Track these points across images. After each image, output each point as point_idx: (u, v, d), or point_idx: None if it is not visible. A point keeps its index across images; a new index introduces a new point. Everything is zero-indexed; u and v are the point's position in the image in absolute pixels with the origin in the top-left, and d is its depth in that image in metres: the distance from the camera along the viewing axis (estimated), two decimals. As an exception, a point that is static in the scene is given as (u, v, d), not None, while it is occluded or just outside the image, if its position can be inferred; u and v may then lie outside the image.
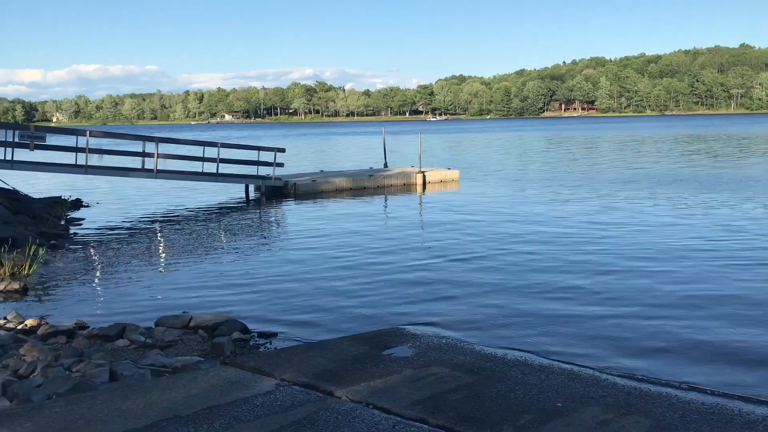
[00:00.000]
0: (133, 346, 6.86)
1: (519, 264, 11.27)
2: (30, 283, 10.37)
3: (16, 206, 16.37)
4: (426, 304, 9.06)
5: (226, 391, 5.01)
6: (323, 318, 8.53)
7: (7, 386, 5.21)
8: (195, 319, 7.88)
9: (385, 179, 24.68)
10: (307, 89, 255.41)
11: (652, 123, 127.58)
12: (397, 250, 12.78)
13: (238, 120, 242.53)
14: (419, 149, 27.22)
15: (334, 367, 5.66)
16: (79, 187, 23.95)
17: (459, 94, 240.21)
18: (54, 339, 7.03)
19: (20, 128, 19.86)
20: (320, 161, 39.62)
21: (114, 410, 4.66)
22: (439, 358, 5.99)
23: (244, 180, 23.02)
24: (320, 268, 11.42)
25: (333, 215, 18.08)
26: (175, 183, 23.16)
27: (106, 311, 8.97)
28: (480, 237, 13.96)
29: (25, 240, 12.35)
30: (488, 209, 18.21)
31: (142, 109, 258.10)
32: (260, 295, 9.79)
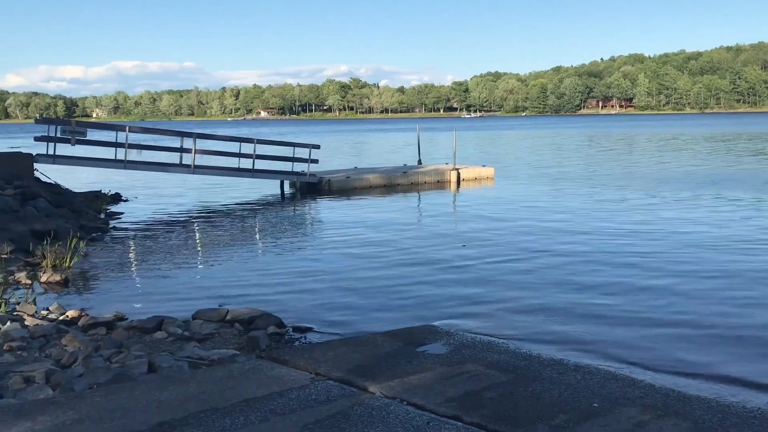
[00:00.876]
0: (171, 339, 6.98)
1: (555, 262, 11.17)
2: (71, 275, 10.60)
3: (58, 200, 16.74)
4: (460, 301, 9.03)
5: (261, 385, 5.06)
6: (356, 313, 8.57)
7: (50, 375, 5.34)
8: (231, 312, 7.98)
9: (419, 176, 24.66)
10: (342, 86, 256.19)
11: (692, 121, 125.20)
12: (430, 247, 12.76)
13: (273, 116, 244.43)
14: (454, 146, 27.11)
15: (368, 362, 5.68)
16: (117, 182, 24.39)
17: (494, 90, 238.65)
18: (94, 330, 7.18)
19: (62, 123, 20.30)
20: (354, 158, 39.74)
21: (152, 401, 4.74)
22: (474, 356, 5.97)
23: (279, 176, 23.21)
24: (353, 264, 11.46)
25: (366, 212, 18.12)
26: (212, 178, 23.45)
27: (144, 304, 9.13)
28: (515, 235, 13.87)
29: (67, 233, 12.62)
30: (524, 207, 18.07)
31: (180, 106, 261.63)
32: (295, 289, 9.86)
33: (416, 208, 19.43)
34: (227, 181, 24.07)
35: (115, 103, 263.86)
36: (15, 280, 10.04)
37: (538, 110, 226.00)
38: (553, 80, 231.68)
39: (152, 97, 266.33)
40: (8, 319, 7.29)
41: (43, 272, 10.48)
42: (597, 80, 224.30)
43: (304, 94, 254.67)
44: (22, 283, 9.98)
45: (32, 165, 19.44)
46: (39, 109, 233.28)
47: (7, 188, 15.51)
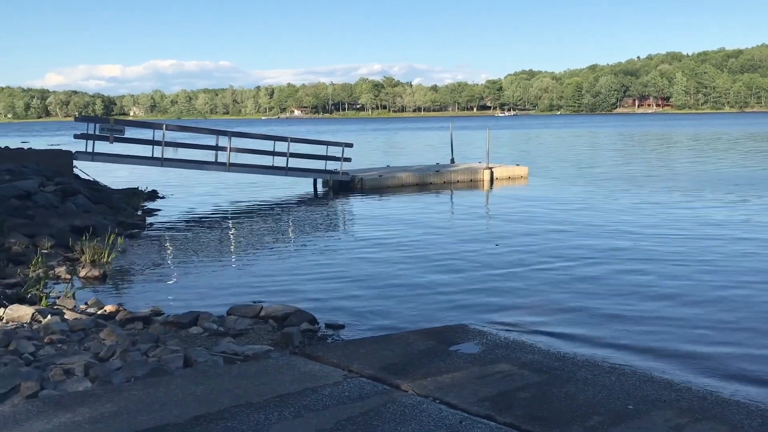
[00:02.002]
0: (206, 334, 7.07)
1: (588, 263, 11.05)
2: (109, 270, 10.80)
3: (96, 196, 17.06)
4: (492, 300, 8.99)
5: (295, 381, 5.11)
6: (389, 312, 8.58)
7: (89, 368, 5.45)
8: (265, 308, 8.05)
9: (451, 175, 24.57)
10: (375, 85, 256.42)
11: (732, 120, 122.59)
12: (462, 246, 12.71)
13: (306, 115, 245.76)
14: (487, 145, 26.96)
15: (400, 360, 5.69)
16: (153, 179, 24.74)
17: (528, 89, 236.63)
18: (131, 325, 7.31)
19: (100, 122, 20.68)
20: (387, 156, 39.75)
21: (188, 395, 4.81)
22: (507, 356, 5.94)
23: (312, 174, 23.34)
24: (385, 263, 11.47)
25: (399, 210, 18.12)
26: (246, 176, 23.66)
27: (179, 299, 9.26)
28: (549, 235, 13.74)
29: (105, 229, 12.86)
30: (558, 207, 17.89)
31: (215, 104, 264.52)
32: (327, 287, 9.91)
33: (449, 207, 19.37)
34: (261, 179, 24.27)
35: (152, 101, 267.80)
36: (55, 275, 10.26)
37: (573, 109, 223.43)
38: (589, 79, 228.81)
39: (188, 96, 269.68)
40: (49, 312, 7.46)
41: (82, 267, 10.69)
42: (633, 79, 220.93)
43: (337, 93, 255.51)
44: (62, 278, 10.20)
45: (72, 162, 19.86)
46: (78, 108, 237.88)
47: (48, 185, 15.86)
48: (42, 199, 14.36)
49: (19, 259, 10.75)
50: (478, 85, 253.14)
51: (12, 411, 4.52)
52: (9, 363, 5.51)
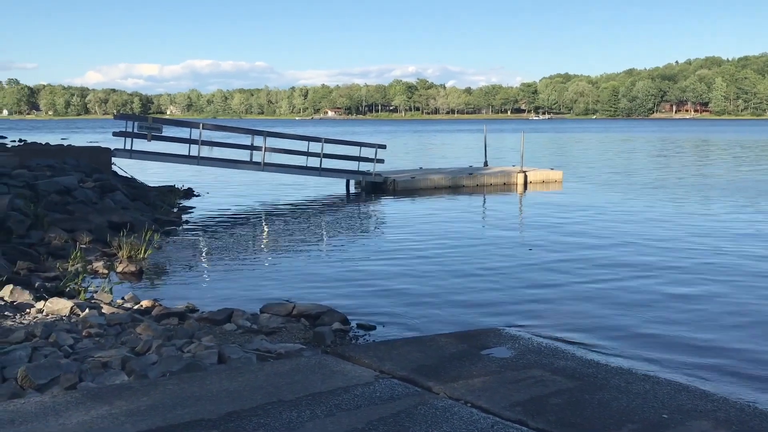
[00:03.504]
0: (240, 331, 7.15)
1: (623, 271, 10.91)
2: (145, 266, 10.98)
3: (134, 193, 17.37)
4: (525, 305, 8.94)
5: (327, 379, 5.14)
6: (420, 314, 8.58)
7: (126, 362, 5.55)
8: (298, 307, 8.11)
9: (484, 178, 24.47)
10: (408, 87, 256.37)
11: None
12: (495, 250, 12.65)
13: (340, 116, 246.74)
14: (521, 148, 26.78)
15: (432, 362, 5.69)
16: (187, 177, 25.07)
17: (564, 92, 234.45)
18: (167, 320, 7.43)
19: (139, 120, 21.04)
20: (419, 158, 39.72)
21: (222, 391, 4.88)
22: (539, 361, 5.90)
23: (345, 175, 23.43)
24: (417, 264, 11.47)
25: (431, 212, 18.10)
26: (279, 176, 23.85)
27: (213, 296, 9.38)
28: (583, 240, 13.60)
29: (142, 226, 13.07)
30: (592, 212, 17.70)
31: (250, 104, 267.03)
32: (358, 287, 9.95)
33: (481, 210, 19.28)
34: (294, 179, 24.45)
35: (188, 100, 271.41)
36: (93, 269, 10.48)
37: (609, 113, 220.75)
38: (625, 83, 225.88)
39: (224, 96, 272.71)
40: (87, 306, 7.61)
41: (119, 263, 10.90)
42: (671, 83, 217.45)
43: (370, 95, 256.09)
44: (100, 273, 10.41)
45: (110, 159, 20.23)
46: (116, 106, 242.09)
47: (87, 181, 16.18)
48: (81, 195, 14.65)
49: (58, 253, 10.99)
50: (512, 87, 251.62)
51: (52, 402, 4.62)
52: (49, 355, 5.64)
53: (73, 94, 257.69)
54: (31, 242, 11.23)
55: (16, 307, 7.46)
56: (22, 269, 9.71)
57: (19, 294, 7.80)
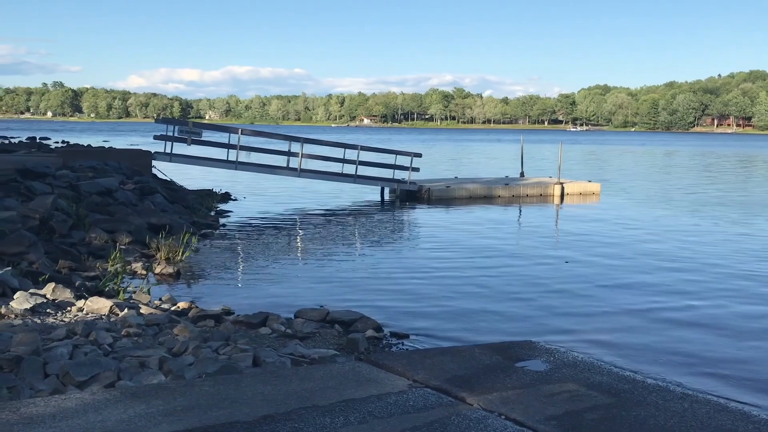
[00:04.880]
0: (275, 335, 7.21)
1: (659, 286, 10.73)
2: (182, 268, 11.14)
3: (173, 196, 17.64)
4: (560, 318, 8.85)
5: (361, 386, 5.15)
6: (453, 324, 8.55)
7: (163, 362, 5.64)
8: (332, 313, 8.15)
9: (521, 188, 24.31)
10: (445, 95, 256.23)
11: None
12: (530, 262, 12.56)
13: (375, 124, 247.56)
14: (559, 159, 26.54)
15: (465, 373, 5.66)
16: (225, 181, 25.37)
17: (602, 104, 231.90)
18: (203, 322, 7.52)
19: (180, 124, 21.40)
20: (455, 167, 39.64)
21: (257, 394, 4.92)
22: (575, 375, 5.83)
23: (380, 183, 23.49)
24: (450, 274, 11.44)
25: (466, 222, 18.04)
26: (315, 182, 24.01)
27: (248, 299, 9.48)
28: (619, 254, 13.42)
29: (180, 228, 13.27)
30: (630, 226, 17.45)
31: (287, 111, 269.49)
32: (392, 295, 9.96)
33: (517, 221, 19.16)
34: (330, 185, 24.59)
35: (227, 106, 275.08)
36: (132, 270, 10.67)
37: (648, 126, 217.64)
38: (666, 96, 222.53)
39: (262, 102, 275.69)
40: (126, 306, 7.76)
41: (157, 264, 11.08)
42: (713, 97, 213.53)
43: (406, 103, 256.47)
44: (138, 273, 10.60)
45: (151, 162, 20.59)
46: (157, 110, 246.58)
47: (128, 183, 16.50)
48: (122, 197, 14.94)
49: (99, 253, 11.22)
50: (550, 98, 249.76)
51: (92, 399, 4.71)
52: (89, 353, 5.76)
53: (115, 98, 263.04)
54: (72, 242, 11.48)
55: (57, 305, 7.63)
56: (64, 268, 9.93)
57: (60, 292, 7.98)
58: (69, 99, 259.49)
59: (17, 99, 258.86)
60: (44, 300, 7.58)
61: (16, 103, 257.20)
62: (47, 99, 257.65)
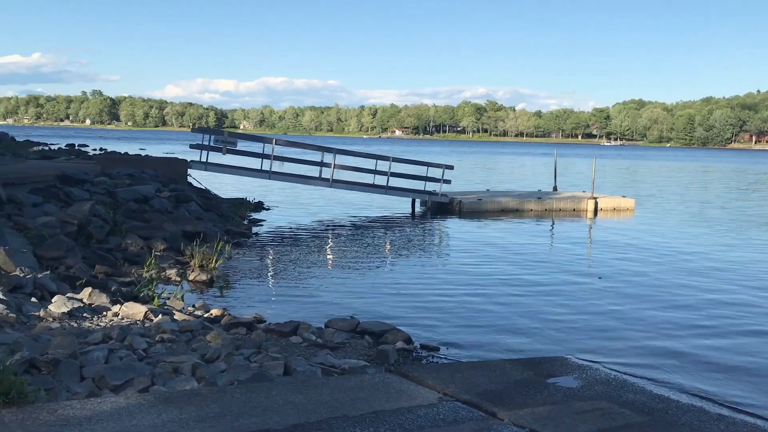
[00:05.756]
0: (305, 344, 7.25)
1: (695, 304, 10.56)
2: (215, 275, 11.27)
3: (207, 204, 17.87)
4: (592, 335, 8.75)
5: (391, 398, 5.15)
6: (484, 337, 8.51)
7: (196, 368, 5.71)
8: (362, 324, 8.17)
9: (553, 202, 24.11)
10: (477, 108, 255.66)
11: None
12: (561, 276, 12.44)
13: (407, 135, 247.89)
14: (593, 173, 26.28)
15: (496, 388, 5.63)
16: (257, 190, 25.61)
17: (637, 119, 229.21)
18: (235, 329, 7.60)
19: (216, 133, 21.70)
20: (486, 180, 39.49)
21: (288, 402, 4.95)
22: (607, 393, 5.76)
23: (411, 194, 23.49)
24: (481, 287, 11.39)
25: (497, 235, 17.95)
26: (346, 193, 24.11)
27: (279, 308, 9.55)
28: (653, 271, 13.23)
29: (214, 236, 13.43)
30: (664, 243, 17.19)
31: (320, 122, 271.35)
32: (421, 307, 9.95)
33: (549, 236, 19.00)
34: (361, 196, 24.67)
35: (261, 116, 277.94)
36: (166, 277, 10.82)
37: (684, 142, 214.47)
38: (702, 111, 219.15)
39: (295, 112, 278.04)
40: (160, 312, 7.87)
41: (191, 271, 11.22)
42: (751, 113, 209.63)
43: (439, 115, 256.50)
44: (172, 280, 10.75)
45: (186, 170, 20.90)
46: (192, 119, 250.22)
47: (164, 191, 16.76)
48: (158, 204, 15.18)
49: (134, 259, 11.41)
50: (584, 112, 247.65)
51: (126, 403, 4.79)
52: (124, 357, 5.85)
53: (152, 107, 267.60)
54: (109, 247, 11.69)
55: (93, 309, 7.77)
56: (100, 273, 10.12)
57: (97, 297, 8.13)
58: (107, 107, 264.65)
59: (57, 107, 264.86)
60: (81, 304, 7.73)
61: (56, 111, 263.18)
62: (86, 107, 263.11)
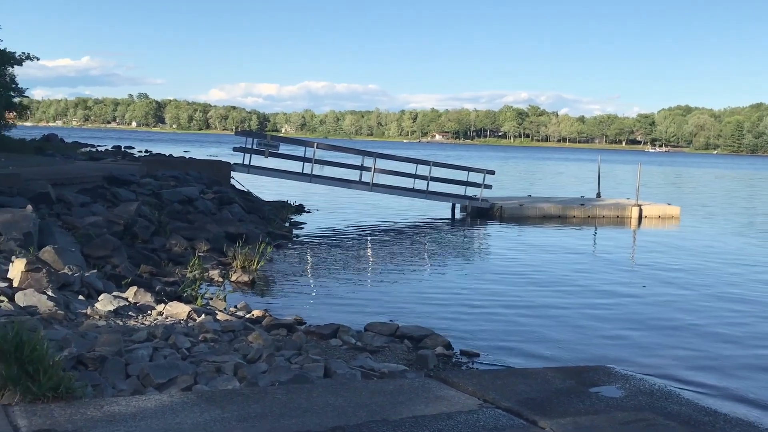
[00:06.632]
0: (345, 347, 7.28)
1: (742, 314, 10.29)
2: (257, 277, 11.40)
3: (249, 206, 18.09)
4: (635, 342, 8.60)
5: (430, 403, 5.13)
6: (524, 344, 8.43)
7: (238, 368, 5.77)
8: (402, 328, 8.16)
9: (596, 209, 23.76)
10: (519, 113, 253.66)
11: None
12: (603, 284, 12.25)
13: (447, 140, 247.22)
14: (638, 180, 25.82)
15: (537, 396, 5.56)
16: (298, 193, 25.81)
17: (683, 125, 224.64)
18: (276, 331, 7.67)
19: (259, 137, 21.98)
20: (528, 186, 39.13)
21: (328, 405, 4.96)
22: (651, 404, 5.64)
23: (451, 199, 23.40)
24: (522, 294, 11.28)
25: (539, 242, 17.77)
26: (386, 197, 24.15)
27: (319, 310, 9.60)
28: (698, 280, 12.93)
29: (256, 238, 13.58)
30: (710, 252, 16.79)
31: (360, 126, 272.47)
32: (461, 313, 9.89)
33: (592, 243, 18.74)
34: (401, 200, 24.67)
35: (302, 120, 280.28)
36: (209, 277, 10.98)
37: (732, 149, 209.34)
38: (752, 117, 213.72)
39: (336, 117, 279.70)
40: (203, 311, 7.98)
41: (233, 272, 11.37)
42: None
43: (480, 120, 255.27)
44: (215, 280, 10.90)
45: (230, 173, 21.20)
46: (235, 122, 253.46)
47: (207, 192, 17.02)
48: (202, 206, 15.43)
49: (178, 259, 11.60)
50: (628, 118, 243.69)
51: (169, 401, 4.86)
52: (168, 356, 5.95)
53: (196, 110, 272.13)
54: (153, 247, 11.92)
55: (138, 308, 7.92)
56: (145, 272, 10.32)
57: (142, 296, 8.29)
58: (153, 110, 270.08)
59: (105, 109, 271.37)
60: (127, 303, 7.89)
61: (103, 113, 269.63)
62: (132, 110, 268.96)
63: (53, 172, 16.59)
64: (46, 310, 6.83)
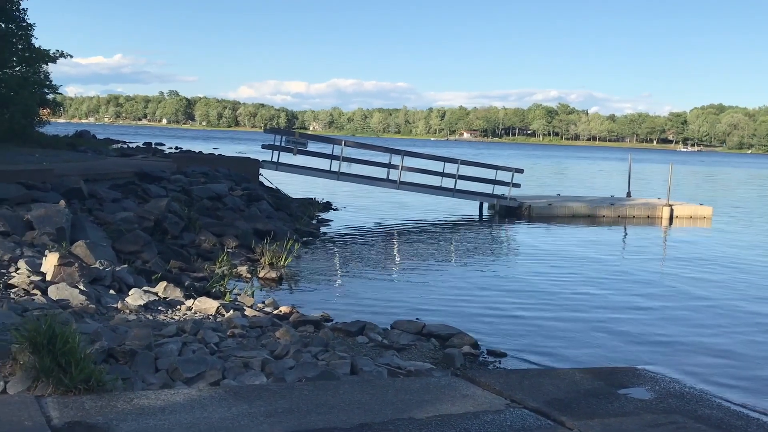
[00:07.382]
0: (371, 344, 7.29)
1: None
2: (284, 273, 11.46)
3: (278, 203, 18.21)
4: (663, 346, 8.49)
5: (456, 402, 5.12)
6: (551, 344, 8.37)
7: (265, 364, 5.81)
8: (428, 326, 8.15)
9: (627, 209, 23.47)
10: (548, 111, 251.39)
11: None
12: (633, 284, 12.11)
13: (475, 138, 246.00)
14: (669, 180, 25.44)
15: (565, 397, 5.52)
16: (326, 191, 25.89)
17: (716, 124, 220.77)
18: (303, 327, 7.71)
19: (287, 134, 22.10)
20: (557, 184, 38.78)
21: (354, 402, 4.98)
22: (681, 407, 5.56)
23: (479, 197, 23.29)
24: (550, 294, 11.19)
25: (568, 241, 17.61)
26: (414, 195, 24.11)
27: (345, 307, 9.63)
28: (731, 282, 12.71)
29: (284, 235, 13.66)
30: (742, 254, 16.48)
31: (388, 123, 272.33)
32: (488, 312, 9.85)
33: (622, 243, 18.51)
34: (428, 198, 24.62)
35: (330, 117, 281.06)
36: (237, 273, 11.07)
37: (767, 148, 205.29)
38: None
39: (364, 114, 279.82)
40: (231, 307, 8.05)
41: (261, 268, 11.45)
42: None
43: (508, 118, 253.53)
44: (243, 276, 10.99)
45: (258, 170, 21.35)
46: (264, 120, 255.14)
47: (236, 189, 17.17)
48: (231, 202, 15.56)
49: (207, 255, 11.72)
50: (660, 117, 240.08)
51: (198, 395, 4.92)
52: (197, 350, 6.01)
53: (225, 107, 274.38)
54: (183, 243, 12.05)
55: (168, 303, 8.02)
56: (175, 268, 10.44)
57: (171, 291, 8.38)
58: (183, 107, 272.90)
59: (136, 106, 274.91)
60: (156, 297, 7.99)
61: (134, 110, 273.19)
62: (163, 107, 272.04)
63: (85, 167, 16.86)
64: (78, 304, 6.94)
